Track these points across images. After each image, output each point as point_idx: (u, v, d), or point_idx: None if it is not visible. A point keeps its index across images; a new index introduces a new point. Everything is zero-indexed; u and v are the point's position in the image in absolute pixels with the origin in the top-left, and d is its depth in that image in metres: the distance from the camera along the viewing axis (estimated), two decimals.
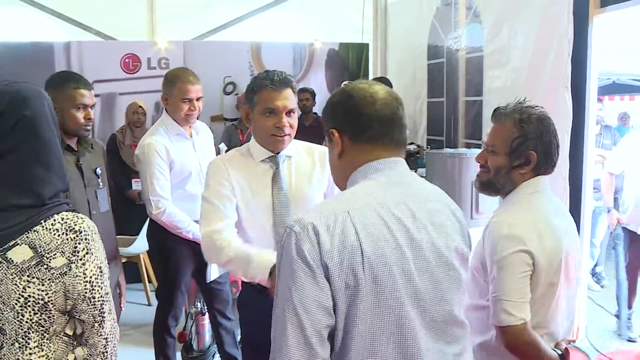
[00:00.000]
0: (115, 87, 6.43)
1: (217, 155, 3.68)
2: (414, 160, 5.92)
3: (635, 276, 4.49)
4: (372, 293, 1.33)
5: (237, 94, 6.76)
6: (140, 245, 4.96)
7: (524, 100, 2.08)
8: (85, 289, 1.54)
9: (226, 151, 4.97)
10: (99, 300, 1.58)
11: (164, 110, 3.41)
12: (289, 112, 2.30)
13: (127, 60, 6.47)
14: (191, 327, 3.94)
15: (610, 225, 4.81)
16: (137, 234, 5.05)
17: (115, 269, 2.99)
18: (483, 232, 2.03)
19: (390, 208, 1.41)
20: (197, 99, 3.32)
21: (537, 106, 2.06)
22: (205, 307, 3.79)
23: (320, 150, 2.48)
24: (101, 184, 2.91)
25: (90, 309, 1.57)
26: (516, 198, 2.01)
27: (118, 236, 4.95)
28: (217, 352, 3.89)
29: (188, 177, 3.34)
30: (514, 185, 2.02)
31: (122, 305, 3.13)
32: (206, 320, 3.96)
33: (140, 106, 5.77)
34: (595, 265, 6.03)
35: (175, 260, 3.41)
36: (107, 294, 1.61)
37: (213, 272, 3.47)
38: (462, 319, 1.51)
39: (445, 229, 1.49)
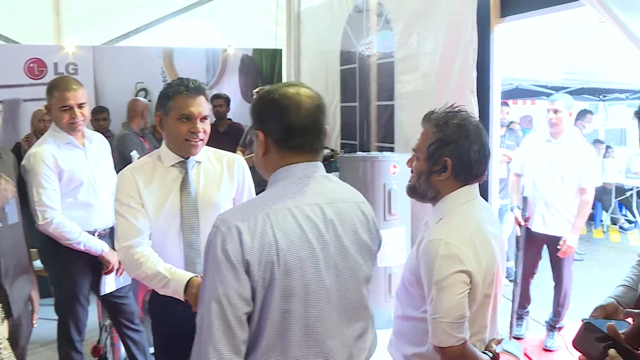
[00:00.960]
0: (19, 93, 6.18)
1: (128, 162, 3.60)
2: (327, 164, 6.01)
3: (528, 283, 4.65)
4: (284, 284, 1.51)
5: (149, 101, 6.63)
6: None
7: (453, 105, 2.00)
8: None
9: (138, 158, 4.89)
10: None
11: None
12: (203, 119, 2.34)
13: (31, 65, 6.24)
14: (105, 339, 3.85)
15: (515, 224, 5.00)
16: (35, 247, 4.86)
17: (26, 284, 2.89)
18: (417, 246, 1.99)
19: (304, 209, 1.58)
20: (80, 106, 3.19)
21: (464, 111, 1.99)
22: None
23: (230, 157, 2.54)
24: None
25: None
26: (447, 209, 1.95)
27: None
28: None
29: (79, 186, 3.23)
30: (436, 192, 1.97)
31: (34, 322, 3.00)
32: None
33: (47, 113, 5.53)
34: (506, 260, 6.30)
35: (71, 272, 3.30)
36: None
37: (109, 285, 3.40)
38: (365, 306, 1.72)
39: (354, 228, 1.66)
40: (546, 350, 4.48)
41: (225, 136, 5.91)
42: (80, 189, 3.24)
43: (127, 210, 2.31)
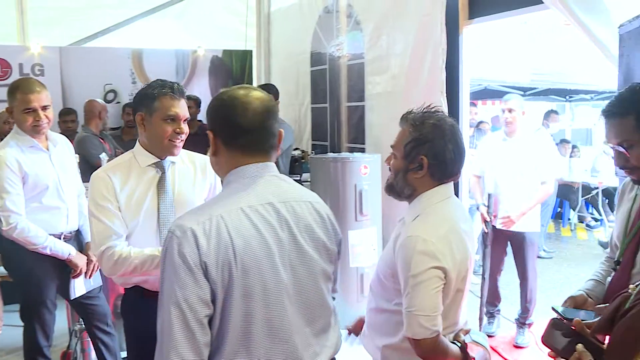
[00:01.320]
0: None
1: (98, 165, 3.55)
2: (298, 165, 6.01)
3: (496, 280, 4.73)
4: (243, 284, 1.53)
5: (118, 102, 6.57)
6: None
7: (430, 106, 2.06)
8: None
9: (107, 161, 4.82)
10: None
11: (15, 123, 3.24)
12: (184, 120, 2.43)
13: None
14: (75, 345, 3.79)
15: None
16: None
17: None
18: (394, 241, 2.04)
19: (257, 209, 1.61)
20: (43, 108, 3.12)
21: (440, 112, 2.05)
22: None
23: (201, 158, 2.59)
24: None
25: None
26: (423, 208, 2.01)
27: None
28: None
29: (44, 190, 3.17)
30: (413, 190, 2.02)
31: None
32: None
33: (9, 116, 5.41)
34: None
35: (37, 277, 3.24)
36: None
37: (78, 288, 3.36)
38: (325, 303, 1.76)
39: (308, 225, 1.70)
40: (517, 347, 4.55)
41: (196, 137, 5.80)
42: (45, 193, 3.18)
43: (103, 212, 2.32)
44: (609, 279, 2.14)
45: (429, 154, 1.96)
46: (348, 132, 5.89)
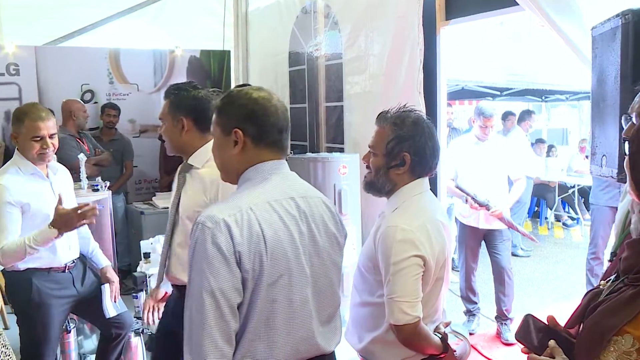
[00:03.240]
0: None
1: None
2: None
3: (471, 274, 4.85)
4: (271, 273, 1.63)
5: (96, 102, 6.51)
6: None
7: (405, 105, 2.17)
8: None
9: (85, 161, 4.78)
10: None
11: (16, 148, 3.12)
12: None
13: None
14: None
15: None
16: None
17: None
18: (374, 233, 2.13)
19: (282, 203, 1.71)
20: (50, 136, 3.04)
21: (416, 111, 2.16)
22: (71, 325, 3.65)
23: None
24: None
25: None
26: (402, 200, 2.11)
27: None
28: None
29: (45, 219, 2.96)
30: (393, 185, 2.12)
31: None
32: (72, 337, 3.79)
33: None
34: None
35: (44, 316, 3.09)
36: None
37: (109, 307, 3.28)
38: (335, 292, 1.86)
39: (323, 219, 1.81)
40: (505, 343, 4.65)
41: None
42: (46, 222, 2.96)
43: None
44: (603, 271, 2.17)
45: (410, 150, 2.07)
46: (327, 132, 5.90)
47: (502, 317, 4.74)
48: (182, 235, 2.57)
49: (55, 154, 3.15)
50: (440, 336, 2.09)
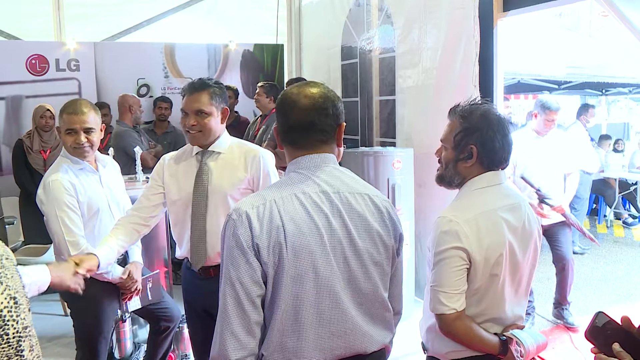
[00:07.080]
0: (21, 89, 6.19)
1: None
2: None
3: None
4: (294, 267, 1.61)
5: (151, 96, 6.63)
6: (52, 254, 4.73)
7: (476, 98, 2.17)
8: None
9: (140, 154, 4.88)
10: (14, 337, 1.32)
11: None
12: (198, 112, 2.68)
13: (33, 61, 6.23)
14: (112, 334, 3.83)
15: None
16: (50, 243, 4.84)
17: None
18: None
19: (311, 196, 1.67)
20: (86, 131, 2.93)
21: (486, 103, 2.14)
22: (127, 314, 3.68)
23: (250, 152, 2.78)
24: None
25: (4, 348, 1.30)
26: (463, 192, 2.10)
27: (29, 245, 4.78)
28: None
29: (96, 213, 2.99)
30: (462, 178, 2.11)
31: None
32: (127, 327, 3.87)
33: (49, 109, 5.40)
34: None
35: (96, 308, 3.08)
36: (25, 328, 1.35)
37: (132, 304, 3.25)
38: (379, 296, 1.76)
39: (363, 216, 1.72)
40: (569, 328, 4.62)
41: (230, 129, 5.88)
42: (97, 216, 3.02)
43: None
44: None
45: (478, 143, 2.04)
46: (379, 126, 5.86)
47: (562, 303, 4.69)
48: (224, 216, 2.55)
49: (113, 146, 3.16)
50: (504, 338, 2.03)
